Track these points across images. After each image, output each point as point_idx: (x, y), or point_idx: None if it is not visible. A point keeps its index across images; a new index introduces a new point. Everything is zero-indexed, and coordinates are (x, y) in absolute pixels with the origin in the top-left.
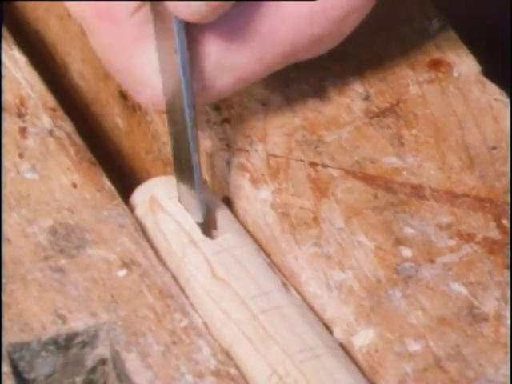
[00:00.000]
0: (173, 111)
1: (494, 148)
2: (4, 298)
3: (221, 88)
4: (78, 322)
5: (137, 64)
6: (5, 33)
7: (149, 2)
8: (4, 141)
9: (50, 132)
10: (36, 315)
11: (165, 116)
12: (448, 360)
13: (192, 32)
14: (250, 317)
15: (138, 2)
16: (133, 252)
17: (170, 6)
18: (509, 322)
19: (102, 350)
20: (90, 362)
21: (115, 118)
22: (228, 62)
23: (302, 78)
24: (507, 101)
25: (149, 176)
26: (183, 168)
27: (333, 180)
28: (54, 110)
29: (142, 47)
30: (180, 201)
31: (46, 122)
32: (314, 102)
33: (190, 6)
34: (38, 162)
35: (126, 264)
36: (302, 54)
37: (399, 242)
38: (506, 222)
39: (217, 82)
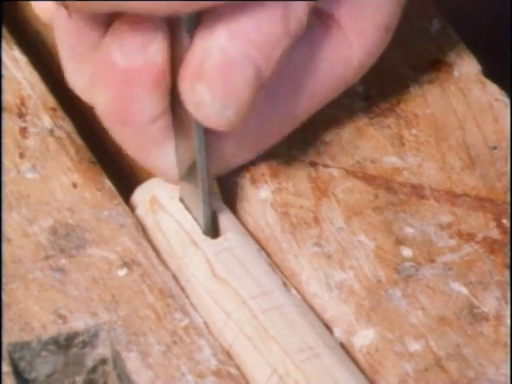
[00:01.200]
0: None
1: (495, 148)
2: (4, 298)
3: (238, 163)
4: (79, 322)
5: (155, 161)
6: (5, 33)
7: (170, 111)
8: (4, 141)
9: (51, 132)
10: (36, 315)
11: None
12: (448, 360)
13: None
14: (251, 316)
15: (159, 110)
16: (133, 252)
17: (198, 118)
18: (509, 321)
19: (102, 350)
20: (90, 362)
21: None
22: (245, 144)
23: None
24: (507, 101)
25: (149, 176)
26: (189, 173)
27: (333, 180)
28: (54, 109)
29: (162, 149)
30: (182, 201)
31: (47, 121)
32: None
33: (221, 118)
34: (38, 162)
35: (127, 264)
36: (315, 111)
37: (399, 241)
38: (506, 222)
39: (232, 160)
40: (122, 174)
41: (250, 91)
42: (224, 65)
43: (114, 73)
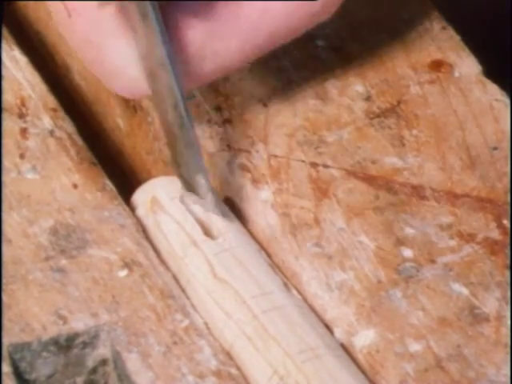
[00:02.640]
0: (159, 100)
1: (495, 148)
2: (5, 299)
3: (201, 75)
4: (79, 323)
5: (110, 57)
6: (6, 33)
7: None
8: (5, 141)
9: (51, 132)
10: (37, 315)
11: None
12: (449, 360)
13: (175, 19)
14: (251, 317)
15: None
16: (134, 252)
17: None
18: (509, 322)
19: (102, 351)
20: (90, 363)
21: (116, 119)
22: (209, 50)
23: (303, 79)
24: (508, 101)
25: (150, 176)
26: (183, 159)
27: (334, 180)
28: (54, 110)
29: (115, 41)
30: (184, 198)
31: (47, 122)
32: (315, 103)
33: None
34: (38, 163)
35: (127, 264)
36: (281, 42)
37: (400, 242)
38: (506, 223)
39: (197, 69)
40: (122, 175)
41: None
42: None
43: None
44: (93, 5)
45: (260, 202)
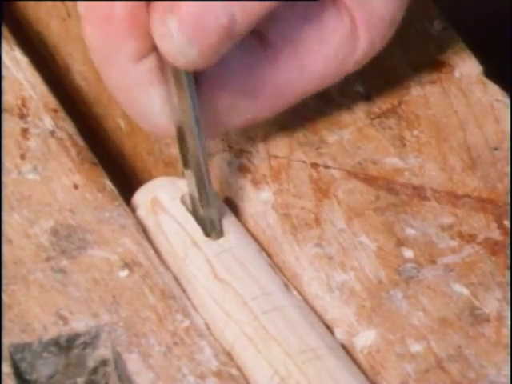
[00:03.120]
0: (181, 133)
1: (496, 149)
2: (5, 299)
3: (228, 126)
4: (80, 323)
5: (139, 104)
6: (6, 33)
7: (155, 52)
8: (5, 142)
9: (52, 133)
10: (37, 316)
11: None
12: (449, 361)
13: (208, 77)
14: (252, 318)
15: (141, 50)
16: (134, 253)
17: (164, 55)
18: (510, 322)
19: (103, 351)
20: (91, 363)
21: (117, 119)
22: (239, 108)
23: None
24: (508, 102)
25: (150, 177)
26: (194, 181)
27: (334, 181)
28: (55, 110)
29: (145, 92)
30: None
31: (48, 122)
32: (316, 103)
33: (183, 55)
34: (39, 163)
35: (128, 265)
36: (309, 95)
37: (401, 242)
38: (507, 223)
39: (225, 121)
40: (123, 175)
41: (219, 39)
42: (201, 5)
43: (98, 12)
44: (130, 58)
45: (260, 202)
